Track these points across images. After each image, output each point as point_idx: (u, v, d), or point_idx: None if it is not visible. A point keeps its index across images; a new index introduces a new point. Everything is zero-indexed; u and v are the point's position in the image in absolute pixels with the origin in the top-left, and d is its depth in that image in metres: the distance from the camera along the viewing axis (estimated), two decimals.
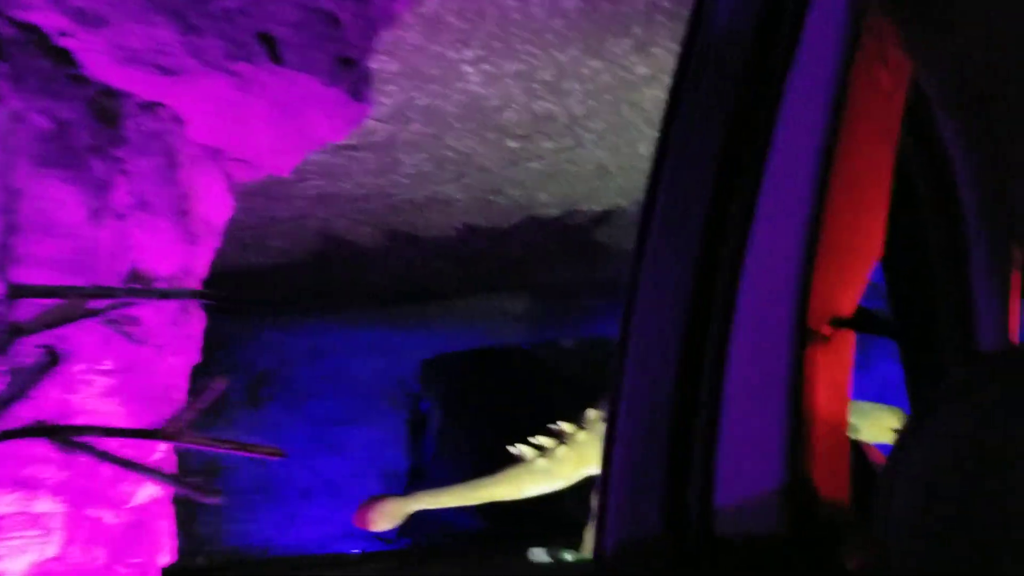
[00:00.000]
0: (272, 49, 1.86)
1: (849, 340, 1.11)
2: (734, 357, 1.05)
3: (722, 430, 1.02)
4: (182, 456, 5.41)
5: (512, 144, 3.21)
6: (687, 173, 1.22)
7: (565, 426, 4.05)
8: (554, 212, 3.89)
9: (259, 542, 5.89)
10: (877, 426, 4.46)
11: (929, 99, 1.22)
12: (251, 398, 5.49)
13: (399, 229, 3.86)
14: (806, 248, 1.06)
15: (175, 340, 2.00)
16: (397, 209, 3.62)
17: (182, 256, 1.96)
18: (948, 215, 1.28)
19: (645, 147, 3.33)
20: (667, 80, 2.76)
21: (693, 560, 1.03)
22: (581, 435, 3.99)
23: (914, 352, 1.31)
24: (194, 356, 2.09)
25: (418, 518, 4.49)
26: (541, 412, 4.42)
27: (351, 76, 1.89)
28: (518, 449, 3.97)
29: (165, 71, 1.84)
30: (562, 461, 3.96)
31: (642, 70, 2.79)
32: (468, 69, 2.68)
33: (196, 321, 2.11)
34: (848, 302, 1.10)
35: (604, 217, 4.02)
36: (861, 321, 1.12)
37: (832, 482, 1.04)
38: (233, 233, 3.67)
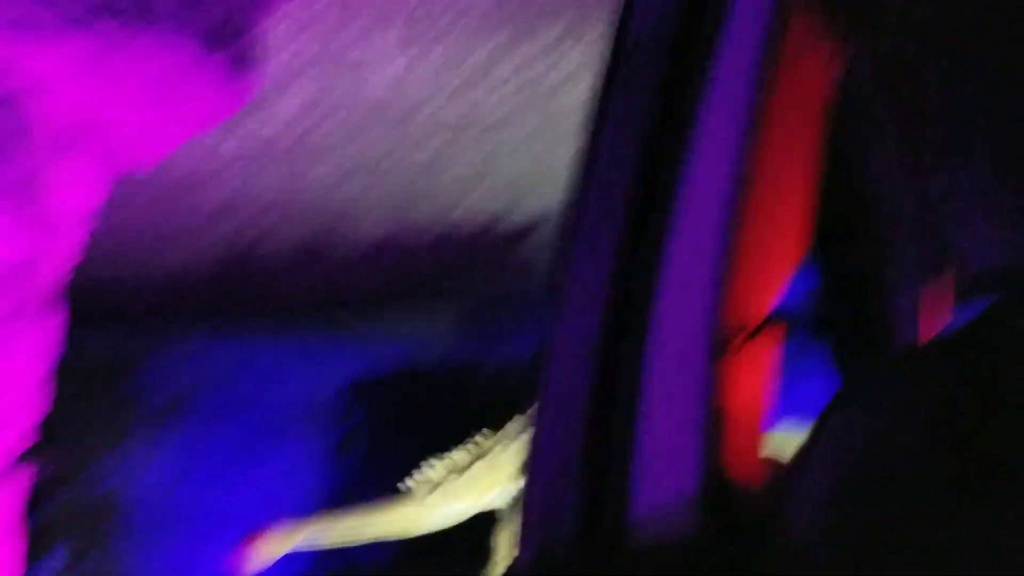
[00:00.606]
0: (143, 5, 1.59)
1: (768, 344, 1.11)
2: (651, 365, 1.05)
3: (638, 439, 1.03)
4: (87, 482, 5.00)
5: (426, 152, 3.00)
6: (607, 178, 1.22)
7: (481, 440, 3.78)
8: (475, 224, 3.68)
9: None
10: None
11: (854, 87, 1.20)
12: (162, 420, 5.12)
13: (312, 241, 3.60)
14: (723, 248, 1.07)
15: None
16: (309, 220, 3.38)
17: (26, 247, 1.67)
18: (870, 209, 1.27)
19: (567, 152, 3.13)
20: (587, 79, 2.56)
21: (604, 569, 1.02)
22: (499, 449, 3.70)
23: (842, 354, 1.32)
24: (37, 367, 1.79)
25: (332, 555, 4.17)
26: (475, 430, 4.17)
27: (237, 43, 1.64)
28: (425, 469, 3.68)
29: (15, 24, 1.55)
30: (476, 479, 3.63)
31: (565, 67, 2.60)
32: (393, 51, 2.45)
33: (41, 326, 1.80)
34: (767, 304, 1.11)
35: (528, 229, 3.82)
36: (781, 324, 1.12)
37: (750, 486, 1.04)
38: (132, 240, 3.39)
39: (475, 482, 3.56)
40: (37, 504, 4.96)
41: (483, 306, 5.29)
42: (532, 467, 1.12)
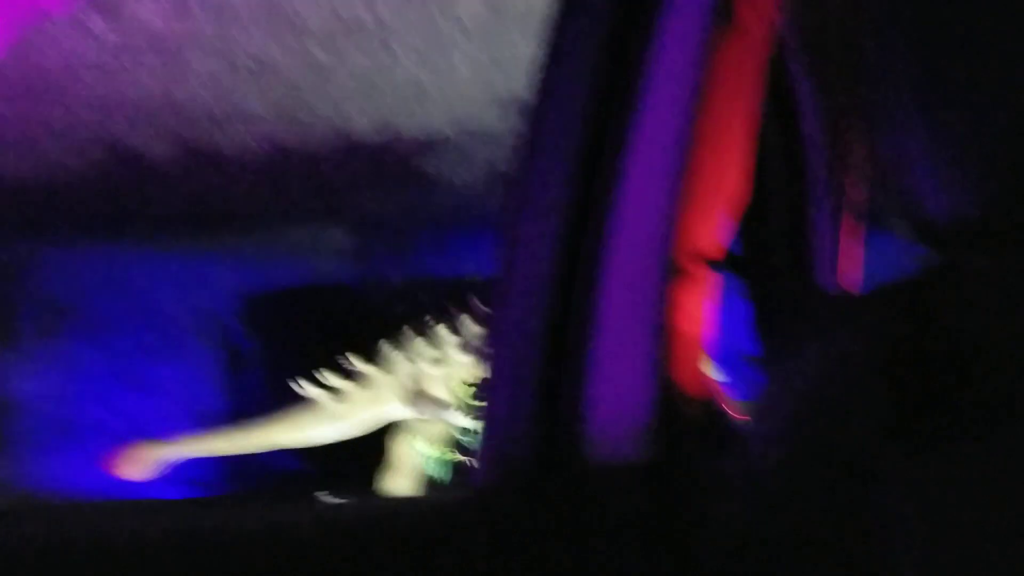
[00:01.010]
0: None
1: (708, 274, 1.15)
2: (606, 287, 1.06)
3: (592, 353, 1.03)
4: None
5: (317, 54, 2.89)
6: (560, 112, 1.17)
7: (359, 364, 3.81)
8: (371, 135, 3.60)
9: (57, 486, 5.41)
10: None
11: (784, 41, 1.21)
12: (45, 330, 4.97)
13: (196, 146, 3.46)
14: (674, 180, 1.08)
15: None
16: (193, 122, 3.24)
17: None
18: (791, 156, 1.29)
19: (466, 67, 3.11)
20: None
21: (560, 489, 1.04)
22: (377, 375, 3.71)
23: (759, 288, 1.35)
24: None
25: (241, 461, 4.15)
26: (367, 354, 4.19)
27: None
28: (304, 388, 3.69)
29: None
30: (354, 403, 3.64)
31: None
32: None
33: None
34: (711, 240, 1.13)
35: (426, 145, 3.76)
36: (721, 259, 1.16)
37: (695, 403, 1.08)
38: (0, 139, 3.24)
39: (355, 409, 3.60)
40: None
41: (379, 223, 5.26)
42: (489, 388, 1.11)
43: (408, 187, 4.20)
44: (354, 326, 5.79)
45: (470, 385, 3.53)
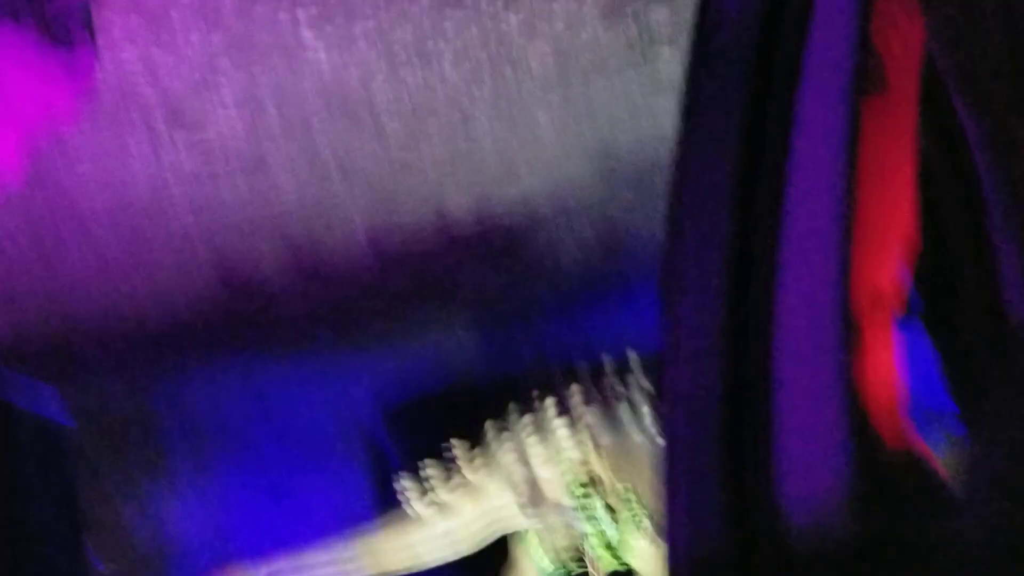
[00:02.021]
0: None
1: (890, 322, 1.07)
2: (781, 349, 1.01)
3: (776, 422, 0.98)
4: (127, 540, 4.92)
5: (391, 125, 2.81)
6: (708, 166, 1.20)
7: (468, 472, 3.44)
8: (469, 219, 3.47)
9: None
10: None
11: (942, 69, 1.13)
12: (193, 458, 5.03)
13: (296, 244, 3.43)
14: (839, 226, 1.03)
15: None
16: (286, 221, 3.21)
17: None
18: (964, 185, 1.22)
19: (544, 116, 2.96)
20: (544, 27, 2.38)
21: (761, 564, 0.98)
22: (478, 463, 3.42)
23: (944, 331, 1.28)
24: None
25: None
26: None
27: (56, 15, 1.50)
28: (408, 501, 3.42)
29: None
30: (463, 515, 3.33)
31: (513, 18, 2.41)
32: (307, 34, 2.31)
33: None
34: (889, 287, 1.07)
35: (528, 217, 3.61)
36: (902, 306, 1.09)
37: (898, 461, 0.99)
38: (105, 263, 3.28)
39: (465, 523, 3.33)
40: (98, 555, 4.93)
41: (500, 311, 5.12)
42: (668, 469, 1.06)
43: (519, 267, 4.05)
44: (487, 415, 5.64)
45: (582, 485, 3.21)
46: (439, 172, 3.15)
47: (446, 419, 5.85)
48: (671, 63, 2.75)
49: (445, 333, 5.11)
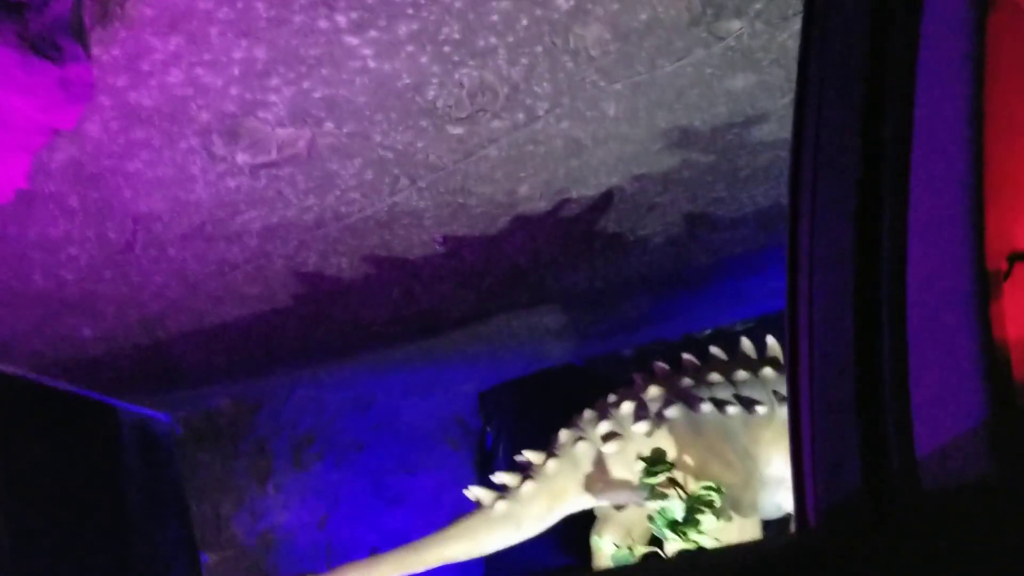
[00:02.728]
0: None
1: None
2: (913, 302, 1.00)
3: (912, 377, 0.98)
4: (232, 536, 4.99)
5: (455, 130, 2.67)
6: (832, 128, 1.16)
7: (531, 455, 3.26)
8: (542, 206, 3.32)
9: None
10: None
11: None
12: (296, 460, 5.04)
13: (376, 254, 3.34)
14: (972, 182, 1.00)
15: None
16: (361, 232, 3.11)
17: None
18: None
19: (613, 107, 2.76)
20: (598, 11, 2.18)
21: (900, 517, 0.96)
22: (551, 465, 3.19)
23: None
24: None
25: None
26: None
27: (45, 33, 1.40)
28: (472, 493, 3.26)
29: None
30: (529, 501, 3.12)
31: (562, 3, 2.22)
32: (352, 40, 2.18)
33: None
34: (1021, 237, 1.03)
35: (600, 202, 3.43)
36: None
37: None
38: (191, 287, 3.27)
39: (530, 507, 3.13)
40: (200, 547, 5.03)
41: (590, 298, 4.96)
42: (801, 419, 1.06)
43: (596, 252, 3.87)
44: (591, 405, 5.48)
45: (647, 460, 3.01)
46: (511, 175, 2.99)
47: (543, 411, 5.73)
48: (744, 37, 2.52)
49: (534, 327, 4.99)
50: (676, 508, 2.88)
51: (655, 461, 2.94)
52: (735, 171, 3.48)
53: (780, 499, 3.38)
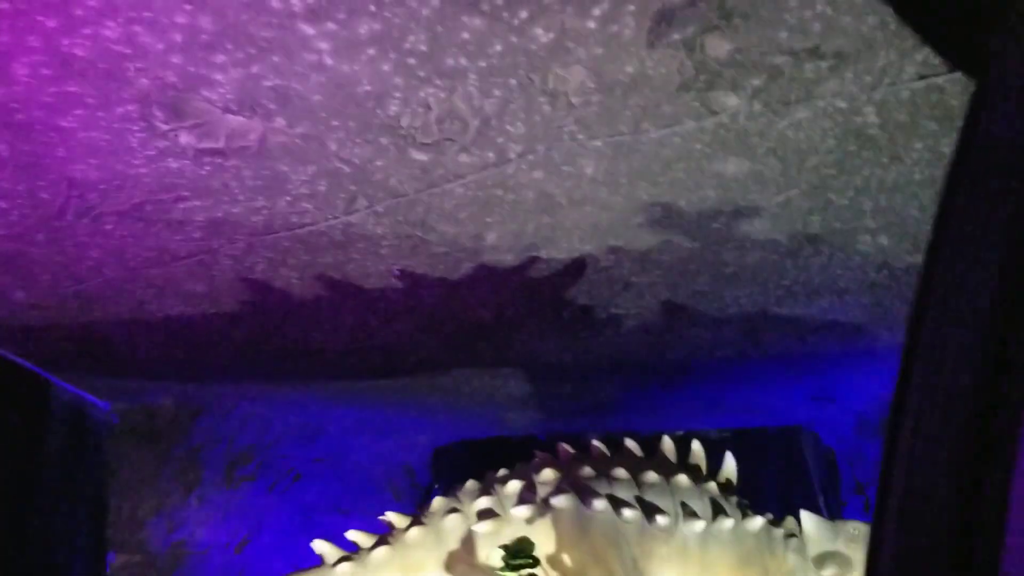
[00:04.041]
0: None
1: None
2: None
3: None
4: (144, 541, 4.67)
5: (417, 156, 2.45)
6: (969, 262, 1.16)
7: (393, 518, 2.95)
8: (508, 259, 3.08)
9: None
10: None
11: None
12: (228, 476, 4.74)
13: (329, 275, 3.09)
14: None
15: None
16: (314, 247, 2.87)
17: None
18: None
19: (591, 166, 2.53)
20: (580, 52, 1.97)
21: None
22: (414, 533, 2.84)
23: None
24: None
25: None
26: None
27: None
28: (318, 546, 2.93)
29: None
30: (377, 568, 2.77)
31: (541, 34, 2.01)
32: (307, 29, 1.98)
33: None
34: None
35: (572, 268, 3.18)
36: None
37: None
38: (130, 270, 3.03)
39: (407, 551, 2.83)
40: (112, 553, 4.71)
41: (559, 372, 4.68)
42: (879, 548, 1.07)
43: (566, 322, 3.61)
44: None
45: (507, 550, 2.67)
46: (476, 218, 2.76)
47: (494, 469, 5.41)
48: (740, 117, 2.30)
49: (497, 389, 4.71)
50: None
51: (517, 552, 2.57)
52: (720, 266, 3.23)
53: None
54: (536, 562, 2.58)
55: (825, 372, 4.59)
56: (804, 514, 3.27)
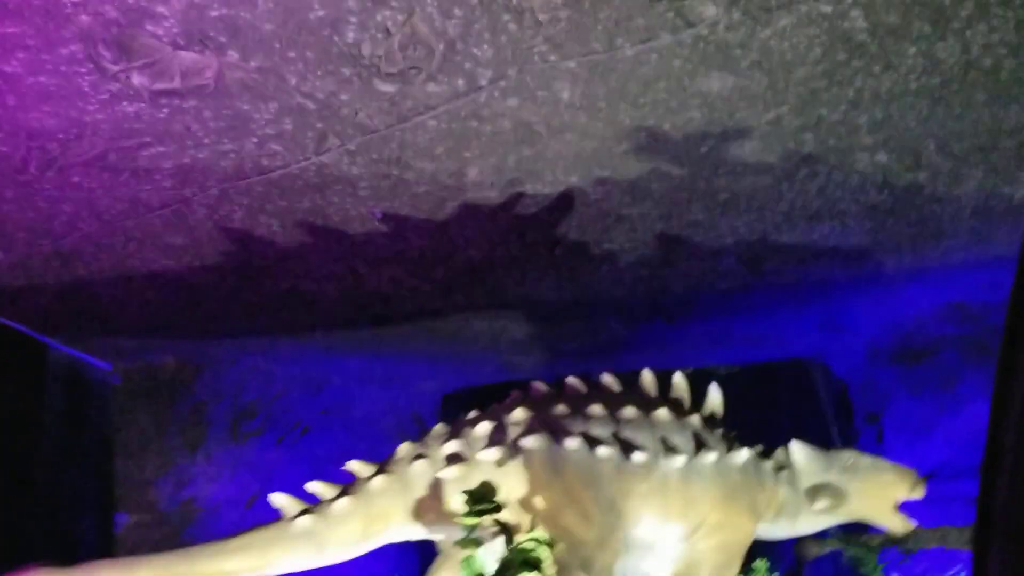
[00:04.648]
0: None
1: None
2: None
3: None
4: (153, 500, 4.64)
5: (384, 87, 2.32)
6: None
7: (356, 467, 2.66)
8: (493, 196, 2.96)
9: None
10: (875, 493, 3.15)
11: None
12: (234, 432, 4.71)
13: (310, 221, 2.98)
14: None
15: None
16: (289, 191, 2.77)
17: None
18: None
19: (567, 90, 2.39)
20: None
21: None
22: (378, 482, 2.61)
23: None
24: None
25: None
26: None
27: None
28: (276, 499, 2.62)
29: None
30: (339, 521, 2.55)
31: None
32: None
33: None
34: None
35: (560, 202, 3.05)
36: None
37: None
38: (106, 224, 2.94)
39: (340, 530, 2.57)
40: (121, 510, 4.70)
41: (556, 313, 4.58)
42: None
43: (560, 260, 3.50)
44: None
45: (470, 495, 2.38)
46: (454, 153, 2.63)
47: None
48: (720, 28, 2.14)
49: (499, 333, 4.62)
50: (489, 560, 2.35)
51: (479, 497, 2.37)
52: (713, 193, 3.09)
53: (646, 568, 2.87)
54: (498, 506, 2.40)
55: (831, 300, 4.46)
56: (794, 444, 3.11)
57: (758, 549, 3.17)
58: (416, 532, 2.68)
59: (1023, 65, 2.41)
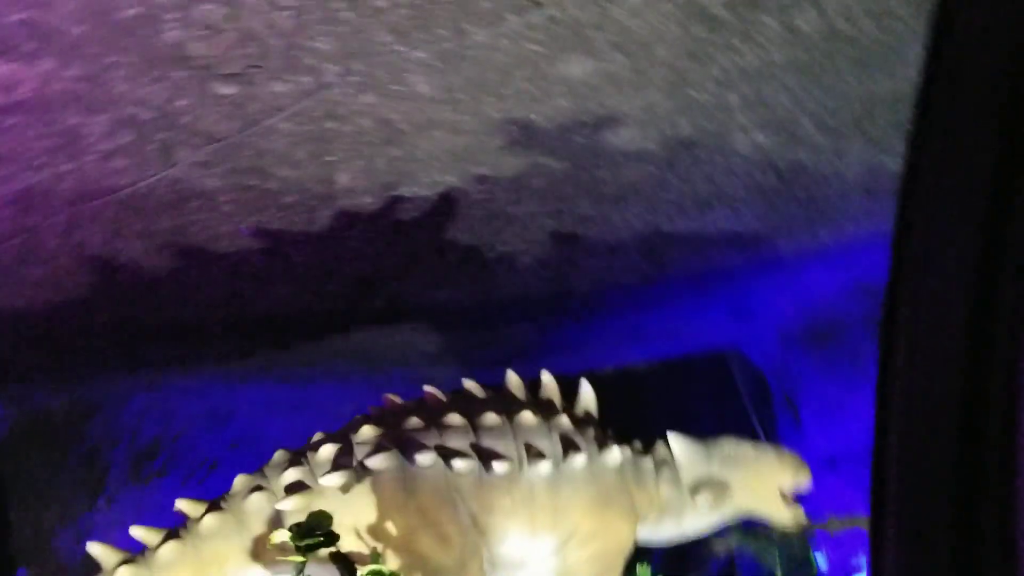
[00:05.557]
0: None
1: None
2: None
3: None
4: (54, 552, 4.32)
5: (224, 90, 2.16)
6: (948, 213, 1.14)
7: (185, 506, 2.43)
8: (368, 202, 2.81)
9: None
10: (758, 483, 2.98)
11: None
12: (135, 473, 4.44)
13: (175, 241, 2.79)
14: None
15: None
16: (143, 211, 2.57)
17: None
18: None
19: (423, 83, 2.26)
20: None
21: None
22: (209, 522, 2.36)
23: None
24: None
25: None
26: None
27: None
28: (94, 549, 2.40)
29: None
30: (164, 569, 2.31)
31: None
32: None
33: None
34: None
35: (441, 206, 2.92)
36: None
37: None
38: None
39: (201, 545, 2.34)
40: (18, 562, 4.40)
41: (460, 321, 4.45)
42: (886, 507, 1.07)
43: (453, 266, 3.36)
44: None
45: (297, 529, 2.13)
46: (316, 157, 2.44)
47: None
48: (567, 6, 2.02)
49: (406, 347, 4.46)
50: None
51: (308, 530, 2.13)
52: (597, 185, 2.99)
53: None
54: (334, 538, 2.16)
55: (737, 287, 4.41)
56: (672, 437, 2.92)
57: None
58: (258, 575, 2.42)
59: (887, 31, 2.37)
